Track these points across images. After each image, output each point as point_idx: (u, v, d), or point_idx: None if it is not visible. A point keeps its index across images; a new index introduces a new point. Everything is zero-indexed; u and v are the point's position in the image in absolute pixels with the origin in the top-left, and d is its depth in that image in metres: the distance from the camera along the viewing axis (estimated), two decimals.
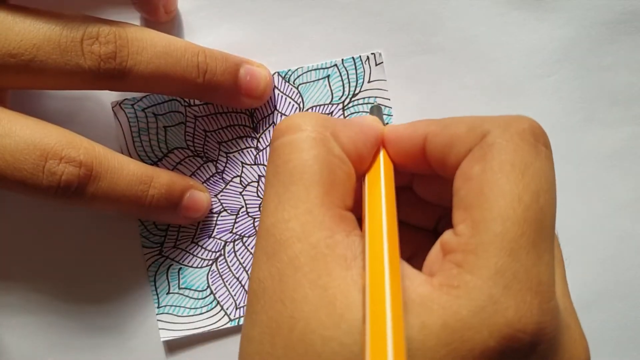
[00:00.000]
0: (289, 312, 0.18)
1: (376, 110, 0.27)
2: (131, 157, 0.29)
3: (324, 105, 0.29)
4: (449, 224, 0.20)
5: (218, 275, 0.29)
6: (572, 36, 0.30)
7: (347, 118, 0.28)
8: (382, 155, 0.22)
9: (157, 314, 0.29)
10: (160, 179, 0.26)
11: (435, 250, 0.19)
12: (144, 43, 0.25)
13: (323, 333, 0.17)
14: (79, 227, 0.30)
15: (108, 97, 0.29)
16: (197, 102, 0.29)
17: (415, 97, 0.30)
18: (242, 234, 0.29)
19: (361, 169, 0.22)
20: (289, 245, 0.19)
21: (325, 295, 0.18)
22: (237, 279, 0.29)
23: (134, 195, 0.25)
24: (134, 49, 0.24)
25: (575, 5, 0.30)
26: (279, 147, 0.21)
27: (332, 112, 0.29)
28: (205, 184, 0.29)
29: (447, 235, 0.19)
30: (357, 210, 0.21)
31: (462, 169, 0.20)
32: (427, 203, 0.24)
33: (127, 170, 0.25)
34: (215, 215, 0.29)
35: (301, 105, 0.29)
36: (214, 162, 0.29)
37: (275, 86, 0.29)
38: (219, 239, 0.29)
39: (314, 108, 0.29)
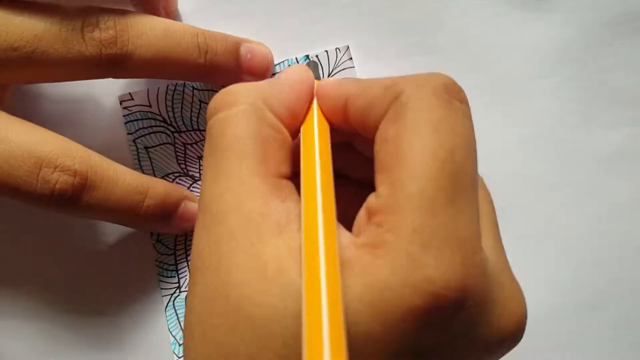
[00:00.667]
0: (224, 280, 0.18)
1: (312, 66, 0.27)
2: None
3: None
4: None
5: None
6: (571, 37, 0.30)
7: (276, 74, 0.27)
8: (315, 111, 0.22)
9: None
10: (156, 190, 0.26)
11: (361, 213, 0.19)
12: (143, 27, 0.25)
13: (256, 299, 0.17)
14: (82, 232, 0.29)
15: (107, 98, 0.29)
16: (187, 127, 0.29)
17: None
18: None
19: (297, 125, 0.22)
20: (225, 217, 0.19)
21: (257, 261, 0.18)
22: None
23: (129, 206, 0.25)
24: (134, 33, 0.25)
25: (575, 6, 0.30)
26: (214, 124, 0.21)
27: None
28: None
29: (370, 198, 0.19)
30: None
31: (380, 131, 0.19)
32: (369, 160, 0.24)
33: (122, 180, 0.25)
34: None
35: None
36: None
37: None
38: None
39: None
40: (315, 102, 0.22)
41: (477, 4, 0.30)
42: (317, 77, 0.26)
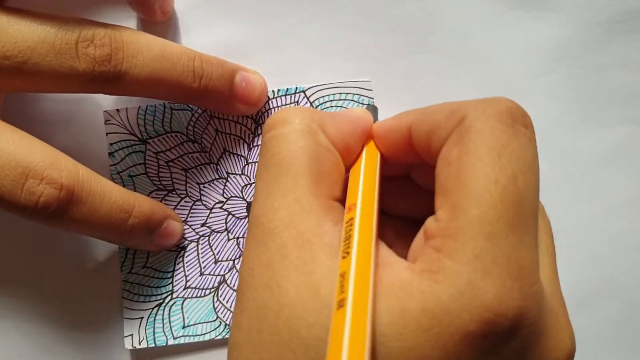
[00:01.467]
0: (276, 298, 0.18)
1: (371, 109, 0.28)
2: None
3: None
4: None
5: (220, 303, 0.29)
6: (568, 36, 0.30)
7: (336, 111, 0.28)
8: (366, 147, 0.23)
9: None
10: (142, 208, 0.26)
11: (419, 237, 0.19)
12: (140, 46, 0.25)
13: (307, 319, 0.17)
14: (71, 234, 0.29)
15: (104, 100, 0.29)
16: (157, 132, 0.29)
17: (411, 97, 0.30)
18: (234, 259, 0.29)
19: (350, 160, 0.22)
20: (277, 234, 0.19)
21: (310, 281, 0.18)
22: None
23: (113, 223, 0.25)
24: (129, 52, 0.24)
25: (572, 5, 0.30)
26: (268, 140, 0.21)
27: None
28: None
29: (429, 221, 0.19)
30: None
31: (442, 154, 0.19)
32: (428, 192, 0.24)
33: (109, 197, 0.25)
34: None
35: None
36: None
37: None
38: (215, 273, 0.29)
39: None
40: (372, 141, 0.23)
41: (475, 3, 0.30)
42: (376, 120, 0.27)
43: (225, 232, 0.29)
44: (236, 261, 0.29)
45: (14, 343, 0.29)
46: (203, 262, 0.29)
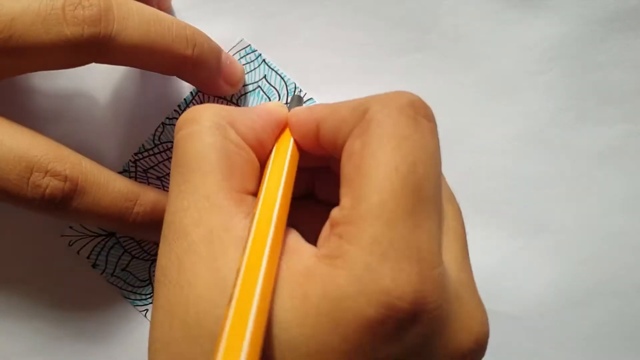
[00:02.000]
0: (185, 294, 0.18)
1: (296, 99, 0.28)
2: None
3: None
4: None
5: None
6: (565, 34, 0.30)
7: (249, 107, 0.28)
8: (281, 137, 0.23)
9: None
10: (146, 197, 0.26)
11: (325, 226, 0.20)
12: (130, 8, 0.24)
13: (215, 312, 0.18)
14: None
15: (100, 93, 0.29)
16: (147, 146, 0.29)
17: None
18: None
19: (265, 154, 0.22)
20: (188, 232, 0.19)
21: (219, 275, 0.18)
22: None
23: (118, 212, 0.25)
24: (120, 14, 0.23)
25: (570, 3, 0.30)
26: (178, 141, 0.21)
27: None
28: None
29: (334, 211, 0.19)
30: None
31: (346, 146, 0.20)
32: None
33: (112, 186, 0.25)
34: None
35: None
36: None
37: None
38: None
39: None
40: (287, 130, 0.23)
41: (473, 1, 0.30)
42: None
43: None
44: None
45: (14, 343, 0.29)
46: None
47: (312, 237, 0.20)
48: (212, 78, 0.27)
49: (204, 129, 0.21)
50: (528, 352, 0.29)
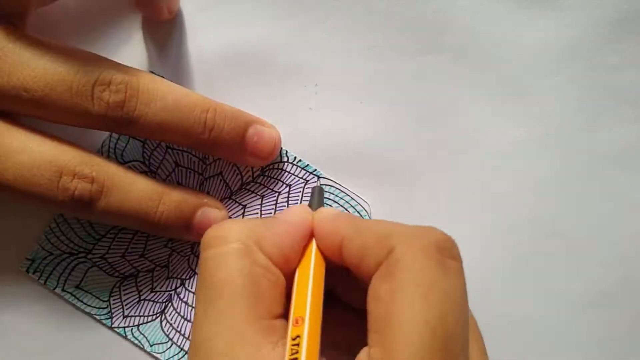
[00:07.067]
0: None
1: (317, 192, 0.27)
2: None
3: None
4: None
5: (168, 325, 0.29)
6: (578, 35, 0.30)
7: (276, 214, 0.28)
8: (313, 256, 0.23)
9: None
10: (171, 196, 0.27)
11: None
12: (155, 95, 0.25)
13: None
14: None
15: None
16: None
17: (420, 97, 0.30)
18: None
19: (290, 268, 0.22)
20: None
21: None
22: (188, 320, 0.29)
23: (143, 211, 0.26)
24: (143, 100, 0.25)
25: (582, 5, 0.30)
26: (205, 260, 0.21)
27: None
28: None
29: (363, 356, 0.19)
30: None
31: (373, 286, 0.20)
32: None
33: (137, 186, 0.26)
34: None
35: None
36: None
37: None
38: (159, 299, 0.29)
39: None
40: (314, 242, 0.23)
41: (484, 2, 0.30)
42: (322, 204, 0.27)
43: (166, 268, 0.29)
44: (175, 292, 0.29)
45: (14, 343, 0.29)
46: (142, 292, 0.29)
47: (331, 339, 0.20)
48: (233, 155, 0.28)
49: (232, 251, 0.21)
50: (540, 356, 0.29)
